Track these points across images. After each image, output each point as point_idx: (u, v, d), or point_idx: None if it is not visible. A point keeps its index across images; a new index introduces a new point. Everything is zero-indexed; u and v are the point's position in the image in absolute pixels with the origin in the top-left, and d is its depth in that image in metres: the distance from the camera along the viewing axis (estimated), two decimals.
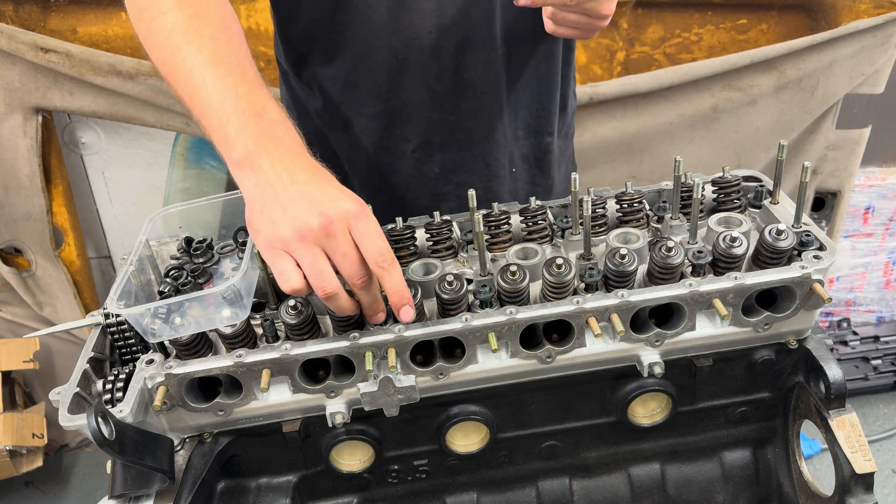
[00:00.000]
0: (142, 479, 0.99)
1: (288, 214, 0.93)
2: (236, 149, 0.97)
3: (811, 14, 2.45)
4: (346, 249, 0.94)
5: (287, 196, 0.94)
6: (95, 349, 1.09)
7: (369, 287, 0.98)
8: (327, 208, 0.93)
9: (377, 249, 0.95)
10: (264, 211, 0.95)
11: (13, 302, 2.82)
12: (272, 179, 0.95)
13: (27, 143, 2.48)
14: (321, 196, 0.94)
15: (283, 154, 0.98)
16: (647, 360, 1.07)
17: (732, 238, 1.05)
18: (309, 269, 0.94)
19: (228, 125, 0.98)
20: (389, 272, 0.96)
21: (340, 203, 0.95)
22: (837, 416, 1.10)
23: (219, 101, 1.00)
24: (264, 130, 0.99)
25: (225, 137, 0.99)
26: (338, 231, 0.93)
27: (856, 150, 2.65)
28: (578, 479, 1.28)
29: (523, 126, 1.54)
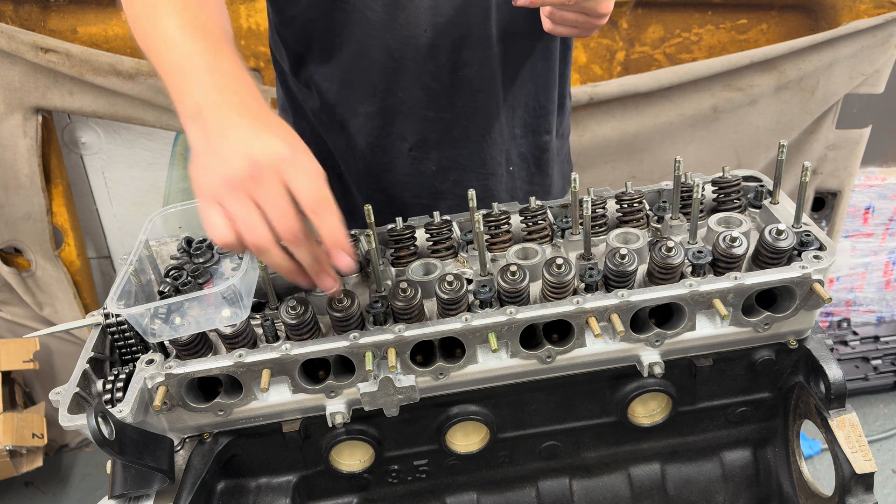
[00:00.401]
0: (142, 479, 0.99)
1: (220, 162, 0.91)
2: (186, 104, 0.97)
3: (811, 14, 2.45)
4: (275, 198, 0.90)
5: (223, 144, 0.92)
6: (95, 349, 1.09)
7: (302, 242, 0.93)
8: (256, 152, 0.90)
9: (308, 190, 0.91)
10: (201, 161, 0.93)
11: (13, 302, 2.82)
12: (213, 130, 0.93)
13: (27, 143, 2.48)
14: (253, 140, 0.91)
15: (231, 106, 0.96)
16: (647, 360, 1.07)
17: (732, 238, 1.05)
18: (238, 221, 0.90)
19: (185, 80, 0.98)
20: (322, 216, 0.92)
21: (271, 146, 0.91)
22: (837, 416, 1.10)
23: (179, 60, 1.00)
24: (217, 84, 0.97)
25: (179, 93, 0.98)
26: (266, 177, 0.89)
27: (856, 150, 2.65)
28: (578, 480, 1.28)
29: (521, 124, 1.54)
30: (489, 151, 1.53)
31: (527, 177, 1.62)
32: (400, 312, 1.04)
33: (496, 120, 1.49)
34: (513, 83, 1.47)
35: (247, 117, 0.95)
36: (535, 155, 1.60)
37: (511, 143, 1.55)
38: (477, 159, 1.53)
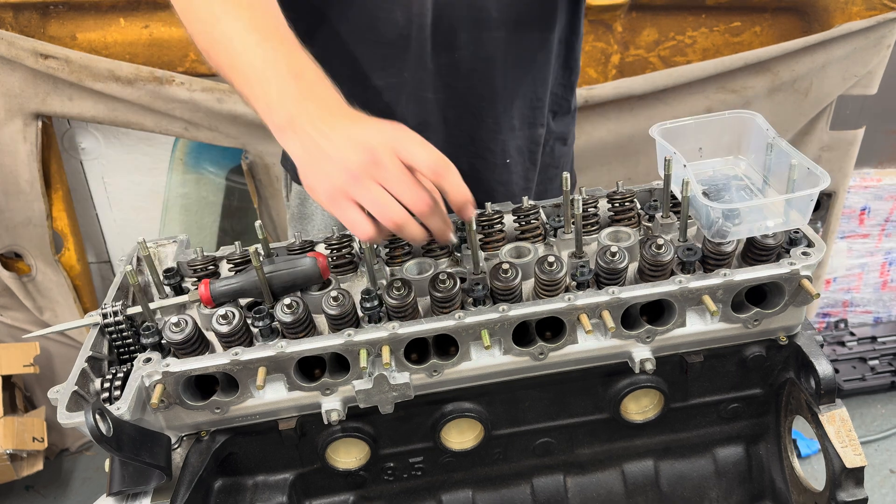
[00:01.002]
0: (139, 477, 1.01)
1: (335, 161, 0.94)
2: (278, 114, 0.99)
3: (804, 16, 2.47)
4: (397, 173, 0.95)
5: (331, 146, 0.95)
6: (93, 349, 1.10)
7: (436, 209, 0.99)
8: (368, 140, 0.94)
9: (428, 158, 0.96)
10: (315, 168, 0.96)
11: (13, 306, 2.83)
12: (316, 137, 0.97)
13: (27, 149, 2.50)
14: (359, 131, 0.96)
15: (323, 111, 0.99)
16: (639, 357, 1.09)
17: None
18: (372, 207, 0.94)
19: (270, 91, 1.00)
20: (447, 176, 0.97)
21: (378, 131, 0.96)
22: (827, 411, 1.11)
23: (259, 68, 1.02)
24: (304, 92, 1.00)
25: (267, 104, 1.00)
26: (384, 157, 0.94)
27: (850, 151, 2.67)
28: (573, 476, 1.29)
29: (519, 116, 1.53)
30: (479, 134, 1.52)
31: (522, 171, 1.62)
32: (394, 310, 1.06)
33: (492, 106, 1.49)
34: (512, 72, 1.47)
35: (340, 117, 0.99)
36: (531, 149, 1.61)
37: (509, 134, 1.55)
38: (467, 138, 1.52)
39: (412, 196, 0.96)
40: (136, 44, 2.46)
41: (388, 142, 0.96)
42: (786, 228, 1.08)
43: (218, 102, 2.42)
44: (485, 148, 1.54)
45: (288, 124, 0.99)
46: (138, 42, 2.46)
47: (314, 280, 1.14)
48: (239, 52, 1.04)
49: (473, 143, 1.53)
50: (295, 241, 1.23)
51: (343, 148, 0.95)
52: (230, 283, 1.12)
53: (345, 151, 0.95)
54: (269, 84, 1.01)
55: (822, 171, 1.05)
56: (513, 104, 1.51)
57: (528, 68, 1.48)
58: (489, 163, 1.56)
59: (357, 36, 1.39)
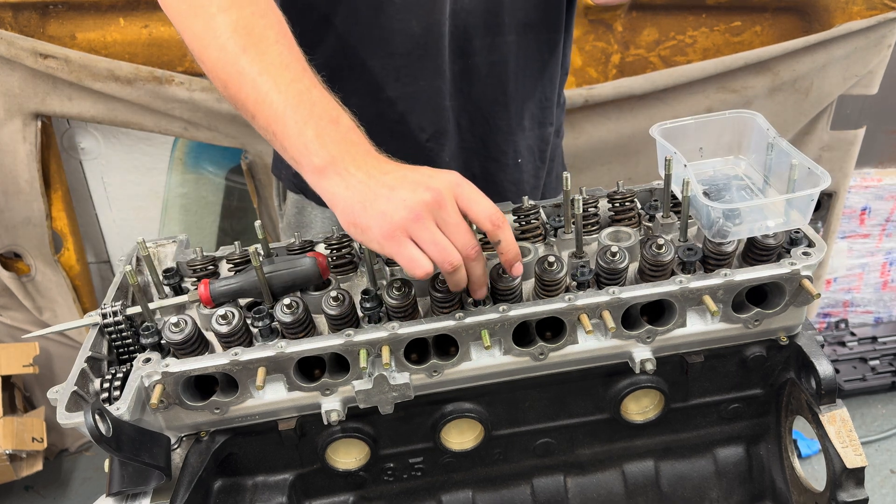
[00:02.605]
0: (139, 477, 1.00)
1: (395, 201, 0.93)
2: (319, 155, 0.98)
3: (804, 16, 2.47)
4: (457, 219, 0.96)
5: (386, 187, 0.95)
6: (93, 349, 1.10)
7: (480, 257, 0.99)
8: (432, 183, 0.95)
9: (488, 208, 0.97)
10: (367, 208, 0.95)
11: (13, 307, 2.83)
12: (363, 178, 0.96)
13: (26, 149, 2.49)
14: (419, 177, 0.96)
15: (364, 156, 0.99)
16: (639, 357, 1.09)
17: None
18: (431, 247, 0.94)
19: (307, 132, 0.99)
20: (504, 228, 0.98)
21: (441, 176, 0.97)
22: (828, 411, 1.11)
23: (292, 108, 1.00)
24: (343, 136, 1.00)
25: (304, 144, 0.99)
26: (447, 201, 0.95)
27: (850, 151, 2.67)
28: (573, 477, 1.29)
29: (529, 116, 1.54)
30: (492, 137, 1.52)
31: (532, 170, 1.63)
32: (394, 310, 1.05)
33: (505, 108, 1.49)
34: (524, 74, 1.48)
35: (388, 164, 0.99)
36: (541, 148, 1.62)
37: (520, 135, 1.56)
38: (479, 143, 1.53)
39: (466, 241, 0.97)
40: (136, 43, 2.46)
41: (452, 187, 0.96)
42: (786, 228, 1.08)
43: (217, 102, 2.41)
44: (498, 150, 1.54)
45: (330, 165, 0.98)
46: (138, 42, 2.46)
47: (314, 280, 1.13)
48: (266, 91, 1.01)
49: (486, 147, 1.54)
50: (295, 241, 1.23)
51: (404, 189, 0.94)
52: (230, 284, 1.12)
53: (407, 192, 0.94)
54: (305, 125, 0.99)
55: (822, 171, 1.04)
56: (524, 105, 1.52)
57: (538, 69, 1.49)
58: (501, 164, 1.57)
59: (370, 49, 1.39)
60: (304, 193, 1.65)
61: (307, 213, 1.67)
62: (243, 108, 1.05)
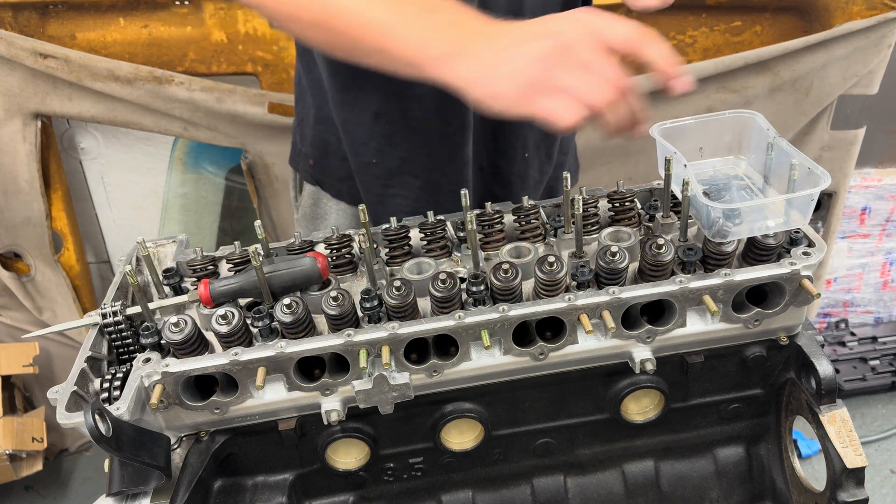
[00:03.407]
0: (139, 477, 1.00)
1: (519, 58, 0.90)
2: (436, 45, 0.96)
3: (805, 16, 2.47)
4: (590, 55, 0.90)
5: (505, 50, 0.91)
6: (93, 349, 1.10)
7: (633, 90, 0.94)
8: (553, 27, 0.90)
9: (624, 29, 0.91)
10: (492, 75, 0.92)
11: (13, 307, 2.83)
12: (482, 49, 0.94)
13: (26, 149, 2.50)
14: (537, 27, 0.92)
15: (476, 29, 0.96)
16: (639, 357, 1.09)
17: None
18: (574, 90, 0.89)
19: (419, 29, 0.98)
20: (653, 44, 0.92)
21: (559, 18, 0.92)
22: (828, 411, 1.11)
23: (395, 13, 0.99)
24: (448, 20, 0.98)
25: (421, 40, 0.97)
26: (574, 41, 0.90)
27: (850, 150, 2.67)
28: (573, 477, 1.29)
29: None
30: (502, 131, 1.53)
31: (538, 165, 1.64)
32: (394, 310, 1.05)
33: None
34: None
35: (504, 24, 0.96)
36: (547, 144, 1.62)
37: (529, 130, 1.56)
38: (490, 136, 1.54)
39: (610, 73, 0.90)
40: (136, 43, 2.46)
41: (575, 24, 0.91)
42: (786, 228, 1.08)
43: (217, 102, 2.42)
44: (507, 144, 1.54)
45: (452, 51, 0.95)
46: (137, 42, 2.46)
47: (314, 280, 1.13)
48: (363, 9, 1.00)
49: (496, 140, 1.54)
50: (295, 241, 1.23)
51: (523, 43, 0.90)
52: (230, 283, 1.12)
53: (527, 46, 0.89)
54: (414, 23, 0.97)
55: (822, 171, 1.04)
56: None
57: None
58: (509, 157, 1.57)
59: None
60: (319, 185, 1.68)
61: (322, 205, 1.70)
62: (345, 38, 1.03)
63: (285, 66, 2.54)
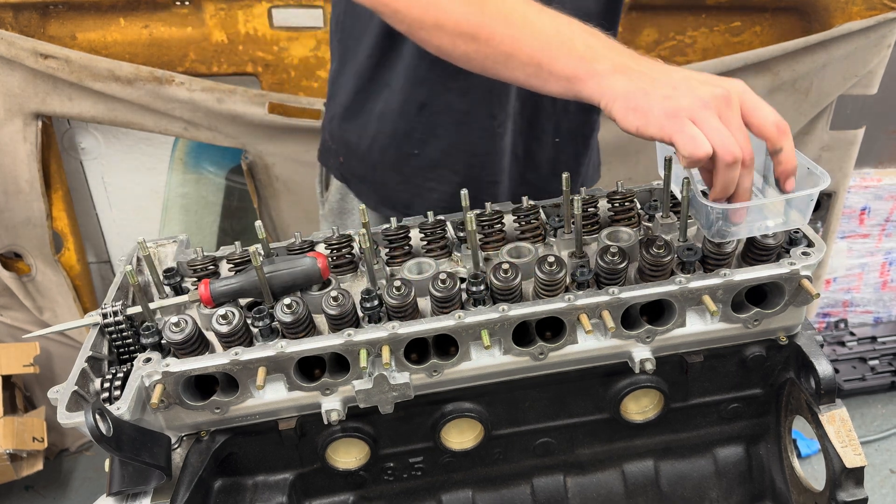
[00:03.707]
0: (139, 477, 1.01)
1: (683, 88, 0.98)
2: (603, 61, 1.04)
3: (804, 16, 2.47)
4: (738, 121, 0.98)
5: (673, 79, 1.00)
6: (93, 349, 1.10)
7: (751, 166, 1.00)
8: (721, 82, 0.99)
9: (773, 115, 0.99)
10: (650, 93, 0.99)
11: (13, 306, 2.83)
12: (646, 72, 1.02)
13: (27, 149, 2.50)
14: (706, 77, 1.01)
15: (638, 57, 1.06)
16: (639, 357, 1.09)
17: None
18: (715, 133, 0.96)
19: (590, 44, 1.06)
20: (787, 139, 1.00)
21: (728, 80, 1.01)
22: (828, 410, 1.11)
23: (566, 30, 1.07)
24: (611, 43, 1.07)
25: (589, 51, 1.05)
26: (734, 102, 0.98)
27: (850, 150, 2.67)
28: (573, 476, 1.29)
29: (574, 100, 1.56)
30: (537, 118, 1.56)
31: (573, 153, 1.65)
32: (394, 310, 1.06)
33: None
34: None
35: (659, 62, 1.06)
36: (584, 133, 1.64)
37: (563, 116, 1.58)
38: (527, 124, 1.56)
39: (746, 144, 0.98)
40: (136, 44, 2.46)
41: (740, 91, 0.99)
42: (786, 228, 1.08)
43: (218, 102, 2.42)
44: (540, 129, 1.58)
45: (615, 67, 1.03)
46: (138, 42, 2.46)
47: (314, 280, 1.14)
48: (534, 21, 1.08)
49: (532, 128, 1.57)
50: (295, 241, 1.23)
51: (692, 82, 0.99)
52: (230, 283, 1.12)
53: (694, 85, 0.98)
54: (586, 40, 1.06)
55: (822, 171, 1.05)
56: None
57: None
58: (542, 142, 1.60)
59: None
60: (347, 183, 1.72)
61: (350, 199, 1.74)
62: (497, 52, 1.09)
63: (285, 66, 2.55)
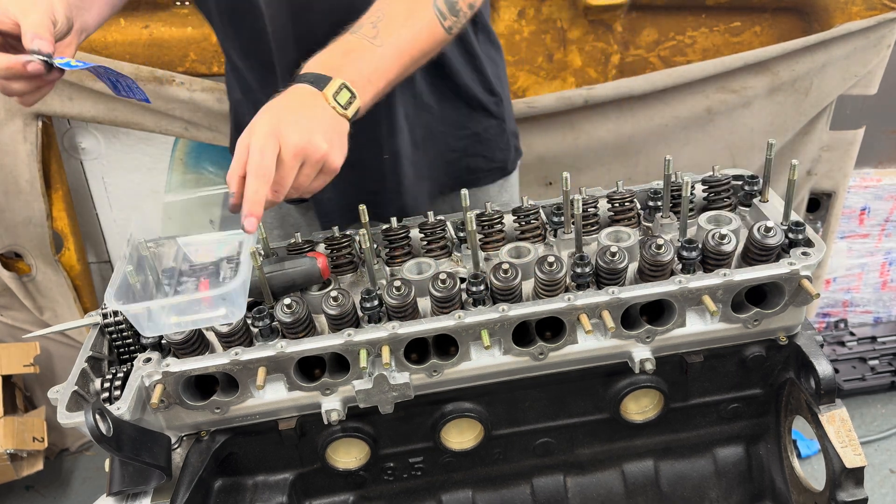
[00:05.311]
0: (139, 476, 1.01)
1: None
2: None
3: (804, 16, 2.46)
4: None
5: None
6: (94, 349, 1.10)
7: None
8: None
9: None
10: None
11: (14, 306, 2.83)
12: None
13: (27, 149, 2.49)
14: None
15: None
16: (639, 357, 1.09)
17: (721, 235, 1.07)
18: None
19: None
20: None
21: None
22: (827, 411, 1.11)
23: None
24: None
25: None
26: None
27: (850, 151, 2.66)
28: (573, 476, 1.29)
29: None
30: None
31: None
32: (394, 310, 1.06)
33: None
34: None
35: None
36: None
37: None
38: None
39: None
40: (136, 44, 2.46)
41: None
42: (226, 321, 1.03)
43: (218, 102, 2.41)
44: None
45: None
46: (138, 42, 2.46)
47: (314, 280, 1.14)
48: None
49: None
50: (295, 241, 1.23)
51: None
52: None
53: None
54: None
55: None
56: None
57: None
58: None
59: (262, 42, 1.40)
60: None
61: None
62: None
63: None
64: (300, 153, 1.05)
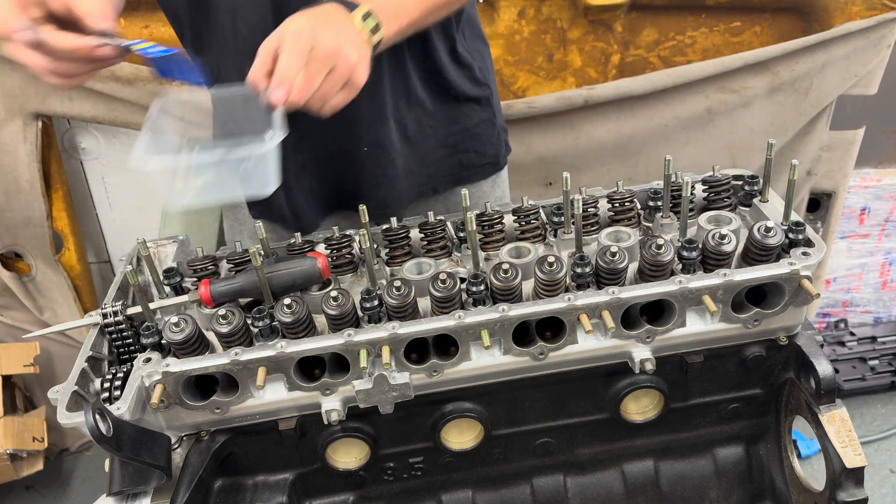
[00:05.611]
0: (139, 477, 1.01)
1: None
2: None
3: (804, 16, 2.46)
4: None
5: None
6: (94, 349, 1.10)
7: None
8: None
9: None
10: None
11: (14, 306, 2.83)
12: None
13: (27, 149, 2.50)
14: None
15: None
16: (639, 357, 1.09)
17: (721, 235, 1.07)
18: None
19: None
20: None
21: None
22: (828, 411, 1.11)
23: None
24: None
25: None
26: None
27: (850, 151, 2.66)
28: (573, 476, 1.29)
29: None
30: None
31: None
32: (394, 310, 1.06)
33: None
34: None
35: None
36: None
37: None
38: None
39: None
40: None
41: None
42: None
43: None
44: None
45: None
46: None
47: (314, 280, 1.14)
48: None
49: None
50: (295, 241, 1.23)
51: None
52: (230, 284, 1.12)
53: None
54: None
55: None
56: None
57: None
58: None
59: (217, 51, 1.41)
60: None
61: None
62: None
63: None
64: (332, 56, 1.04)
